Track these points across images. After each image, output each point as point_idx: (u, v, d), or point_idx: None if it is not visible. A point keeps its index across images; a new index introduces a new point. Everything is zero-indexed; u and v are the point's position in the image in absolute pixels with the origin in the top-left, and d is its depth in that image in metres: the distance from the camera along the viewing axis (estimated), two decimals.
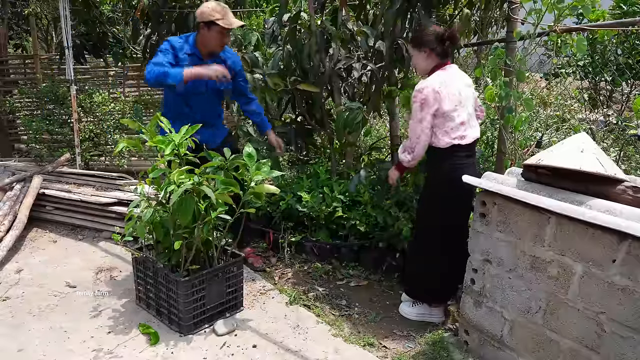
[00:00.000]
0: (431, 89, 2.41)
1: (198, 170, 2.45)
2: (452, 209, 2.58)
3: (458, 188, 2.40)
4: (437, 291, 2.73)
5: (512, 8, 2.93)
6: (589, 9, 2.58)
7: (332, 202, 3.38)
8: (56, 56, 6.69)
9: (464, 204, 2.58)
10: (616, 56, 5.06)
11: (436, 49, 2.46)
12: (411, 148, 2.52)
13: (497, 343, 2.29)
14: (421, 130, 2.45)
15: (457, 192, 2.50)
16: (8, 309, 2.77)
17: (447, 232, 2.60)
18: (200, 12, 2.84)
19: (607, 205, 1.81)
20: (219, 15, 2.81)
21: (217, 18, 2.80)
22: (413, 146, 2.51)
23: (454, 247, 2.60)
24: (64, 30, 4.45)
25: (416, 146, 2.50)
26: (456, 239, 2.60)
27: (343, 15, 3.39)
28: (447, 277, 2.68)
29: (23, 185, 4.08)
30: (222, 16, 2.81)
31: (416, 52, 2.53)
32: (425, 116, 2.43)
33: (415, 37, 2.54)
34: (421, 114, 2.43)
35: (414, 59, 2.59)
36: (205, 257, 2.70)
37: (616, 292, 1.79)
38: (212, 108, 3.14)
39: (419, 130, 2.46)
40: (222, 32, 2.86)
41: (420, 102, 2.42)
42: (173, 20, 4.37)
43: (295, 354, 2.44)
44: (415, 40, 2.53)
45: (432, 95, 2.40)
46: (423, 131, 2.45)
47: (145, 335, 2.55)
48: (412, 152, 2.52)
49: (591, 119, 4.72)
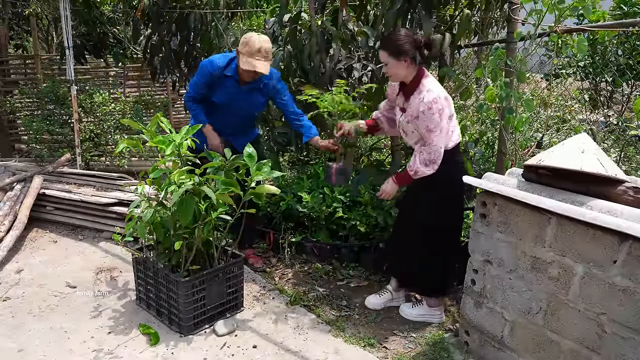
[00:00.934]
0: (442, 96, 2.38)
1: (198, 171, 2.45)
2: (458, 209, 2.64)
3: (460, 188, 2.45)
4: (434, 289, 2.76)
5: (513, 9, 2.93)
6: (590, 9, 2.58)
7: (333, 203, 3.38)
8: (57, 56, 6.70)
9: (462, 203, 2.65)
10: (617, 57, 5.07)
11: (416, 57, 2.37)
12: (433, 160, 2.42)
13: (498, 344, 2.29)
14: (443, 140, 2.41)
15: (460, 192, 2.59)
16: (8, 309, 2.77)
17: (451, 231, 2.66)
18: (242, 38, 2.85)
19: (607, 206, 1.81)
20: (244, 50, 2.79)
21: (241, 52, 2.81)
22: (435, 158, 2.41)
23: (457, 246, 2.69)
24: (65, 30, 4.45)
25: (438, 157, 2.42)
26: (458, 238, 2.68)
27: (343, 16, 3.39)
28: (444, 276, 2.72)
29: (23, 185, 4.08)
30: (246, 53, 2.78)
31: (394, 61, 2.39)
32: (444, 125, 2.39)
33: (393, 46, 2.37)
34: (441, 123, 2.37)
35: (391, 68, 2.42)
36: (205, 258, 2.70)
37: (617, 293, 1.79)
38: (245, 123, 3.22)
39: (442, 142, 2.40)
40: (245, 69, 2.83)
41: (438, 112, 2.33)
42: (174, 20, 4.37)
43: (296, 355, 2.44)
44: (392, 49, 2.37)
45: (445, 102, 2.39)
46: (443, 140, 2.42)
47: (145, 336, 2.55)
48: (435, 163, 2.43)
49: (592, 119, 4.72)
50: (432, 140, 2.38)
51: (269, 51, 2.84)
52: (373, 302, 2.90)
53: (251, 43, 2.78)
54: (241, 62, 2.83)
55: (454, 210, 2.62)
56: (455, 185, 2.46)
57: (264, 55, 2.80)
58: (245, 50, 2.79)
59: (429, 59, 3.23)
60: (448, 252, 2.65)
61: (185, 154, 2.57)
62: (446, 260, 2.67)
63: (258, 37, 2.80)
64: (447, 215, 2.59)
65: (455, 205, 2.61)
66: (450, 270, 2.73)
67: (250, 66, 2.77)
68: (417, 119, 2.40)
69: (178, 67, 4.86)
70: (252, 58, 2.77)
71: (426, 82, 2.42)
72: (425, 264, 2.65)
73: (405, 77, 2.45)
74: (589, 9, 2.58)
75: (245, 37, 2.82)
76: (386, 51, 2.40)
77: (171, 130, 2.61)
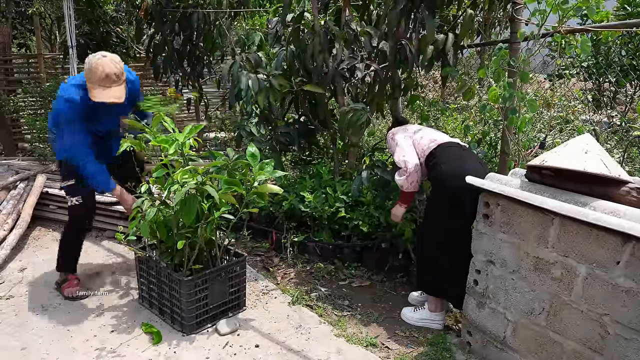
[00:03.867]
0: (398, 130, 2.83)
1: (201, 170, 2.46)
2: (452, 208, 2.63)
3: (445, 189, 2.60)
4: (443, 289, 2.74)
5: (516, 9, 2.92)
6: (594, 10, 2.56)
7: (335, 203, 3.38)
8: (60, 55, 6.72)
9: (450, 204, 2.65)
10: (620, 57, 5.05)
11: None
12: (401, 170, 2.73)
13: (500, 344, 2.29)
14: (402, 154, 2.74)
15: (451, 190, 2.63)
16: (12, 308, 2.77)
17: (452, 231, 2.62)
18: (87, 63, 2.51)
19: (611, 206, 1.81)
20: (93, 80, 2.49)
21: (90, 82, 2.50)
22: (401, 166, 2.73)
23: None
24: (68, 29, 4.46)
25: (402, 167, 2.72)
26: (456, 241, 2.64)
27: (346, 16, 3.39)
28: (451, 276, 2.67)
29: (27, 184, 4.10)
30: (95, 82, 2.48)
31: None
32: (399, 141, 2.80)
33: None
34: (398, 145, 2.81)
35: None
36: (208, 257, 2.71)
37: (620, 293, 1.78)
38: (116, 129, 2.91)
39: (401, 156, 2.74)
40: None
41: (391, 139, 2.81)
42: (177, 19, 4.38)
43: (298, 354, 2.44)
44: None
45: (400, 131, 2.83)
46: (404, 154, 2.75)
47: (148, 335, 2.55)
48: (404, 172, 2.70)
49: (595, 120, 4.71)
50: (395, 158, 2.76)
51: (120, 71, 2.53)
52: (409, 317, 2.82)
53: (94, 70, 2.46)
54: (93, 96, 2.49)
55: (443, 211, 2.55)
56: (442, 187, 2.56)
57: (114, 80, 2.50)
58: (93, 79, 2.48)
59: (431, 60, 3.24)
60: (439, 251, 2.58)
61: (188, 153, 2.57)
62: (436, 259, 2.60)
63: (101, 61, 2.48)
64: (439, 217, 2.57)
65: (444, 206, 2.55)
66: (446, 271, 2.62)
67: (105, 97, 2.49)
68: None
69: (181, 66, 4.87)
70: (99, 87, 2.48)
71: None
72: (423, 261, 2.71)
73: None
74: (593, 9, 2.57)
75: (87, 63, 2.49)
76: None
77: (174, 129, 2.61)
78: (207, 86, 7.06)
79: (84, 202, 2.82)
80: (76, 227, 2.92)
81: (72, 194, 2.80)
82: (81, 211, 2.84)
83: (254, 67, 3.60)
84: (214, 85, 6.14)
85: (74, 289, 2.91)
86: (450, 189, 2.49)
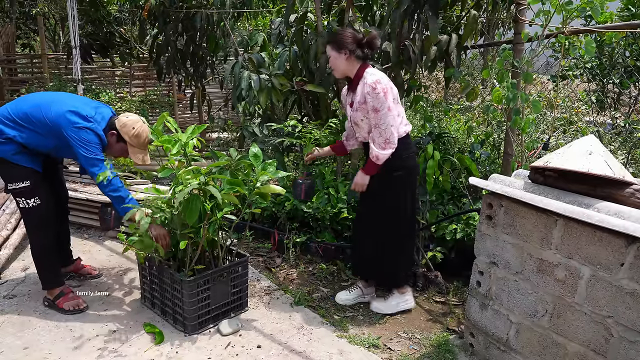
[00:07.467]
0: (386, 79, 2.51)
1: (204, 170, 2.46)
2: (413, 195, 2.75)
3: (415, 174, 2.73)
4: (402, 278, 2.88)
5: (520, 9, 2.91)
6: (598, 10, 2.56)
7: (337, 203, 3.37)
8: (63, 56, 6.75)
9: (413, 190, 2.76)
10: (624, 58, 5.03)
11: (356, 51, 2.51)
12: (388, 140, 2.50)
13: (503, 346, 2.28)
14: (392, 118, 2.49)
15: (415, 178, 2.75)
16: (14, 307, 2.78)
17: (413, 217, 2.79)
18: (123, 123, 2.63)
19: (615, 208, 1.80)
20: (134, 142, 2.64)
21: (131, 143, 2.64)
22: (388, 136, 2.49)
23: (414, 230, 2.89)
24: (72, 29, 4.47)
25: (391, 136, 2.49)
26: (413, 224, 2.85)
27: (350, 16, 3.39)
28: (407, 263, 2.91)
29: None
30: (138, 145, 2.66)
31: (335, 54, 2.56)
32: (390, 104, 2.48)
33: (335, 40, 2.55)
34: (387, 102, 2.46)
35: (333, 60, 2.59)
36: (210, 257, 2.71)
37: (624, 296, 1.77)
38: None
39: (390, 119, 2.48)
40: (127, 152, 2.68)
41: (382, 91, 2.44)
42: (180, 20, 4.39)
43: (300, 355, 2.43)
44: (334, 42, 2.55)
45: (389, 84, 2.51)
46: (394, 119, 2.51)
47: (150, 335, 2.55)
48: (391, 142, 2.51)
49: (599, 121, 4.70)
50: (380, 120, 2.48)
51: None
52: (343, 298, 2.94)
53: (142, 135, 2.65)
54: (132, 155, 2.68)
55: (414, 195, 2.72)
56: (414, 172, 2.70)
57: (147, 145, 2.71)
58: (136, 142, 2.65)
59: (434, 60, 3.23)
60: (406, 239, 2.78)
61: (191, 153, 2.57)
62: (405, 248, 2.79)
63: (143, 128, 2.66)
64: (413, 201, 2.71)
65: (414, 190, 2.73)
66: (409, 257, 2.90)
67: (141, 161, 2.69)
68: (365, 104, 2.50)
69: (184, 66, 4.88)
70: (143, 152, 2.70)
71: (369, 70, 2.56)
72: (387, 257, 2.75)
73: (346, 71, 2.59)
74: (597, 10, 2.56)
75: (133, 126, 2.62)
76: (329, 45, 2.60)
77: (177, 130, 2.61)
78: (210, 86, 7.08)
79: (45, 200, 2.64)
80: (40, 229, 2.68)
81: (27, 196, 2.59)
82: (42, 210, 2.63)
83: (256, 67, 3.61)
84: (217, 85, 6.16)
85: (75, 302, 2.74)
86: (413, 183, 2.70)
